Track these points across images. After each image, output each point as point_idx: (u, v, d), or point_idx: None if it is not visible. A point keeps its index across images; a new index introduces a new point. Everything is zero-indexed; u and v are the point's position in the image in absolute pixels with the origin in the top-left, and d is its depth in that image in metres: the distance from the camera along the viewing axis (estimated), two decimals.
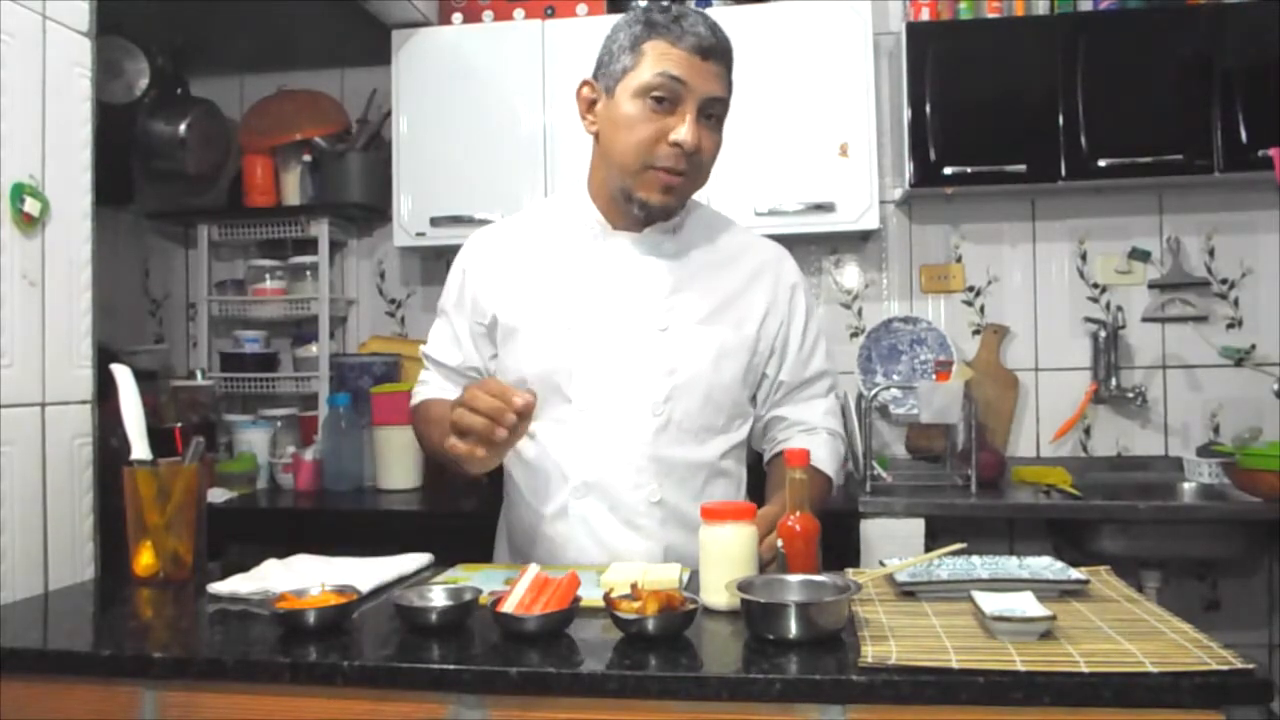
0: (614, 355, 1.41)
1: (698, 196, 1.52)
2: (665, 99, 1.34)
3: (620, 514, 1.41)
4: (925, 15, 2.63)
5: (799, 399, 1.54)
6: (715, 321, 1.44)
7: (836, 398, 1.59)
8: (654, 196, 1.38)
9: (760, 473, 1.56)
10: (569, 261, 1.46)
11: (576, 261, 1.46)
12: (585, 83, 1.44)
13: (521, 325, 1.45)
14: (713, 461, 1.45)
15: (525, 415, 1.21)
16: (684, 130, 1.34)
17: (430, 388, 1.55)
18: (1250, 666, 0.89)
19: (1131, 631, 1.00)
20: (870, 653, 0.95)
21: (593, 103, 1.43)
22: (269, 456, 2.78)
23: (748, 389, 1.50)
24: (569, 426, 1.42)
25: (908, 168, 2.54)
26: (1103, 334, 2.67)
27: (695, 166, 1.38)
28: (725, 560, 1.14)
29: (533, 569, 1.10)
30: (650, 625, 1.01)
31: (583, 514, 1.42)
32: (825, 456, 1.49)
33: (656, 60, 1.34)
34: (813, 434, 1.52)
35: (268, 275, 2.94)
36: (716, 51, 1.36)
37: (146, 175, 2.96)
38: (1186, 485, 2.52)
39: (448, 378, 1.54)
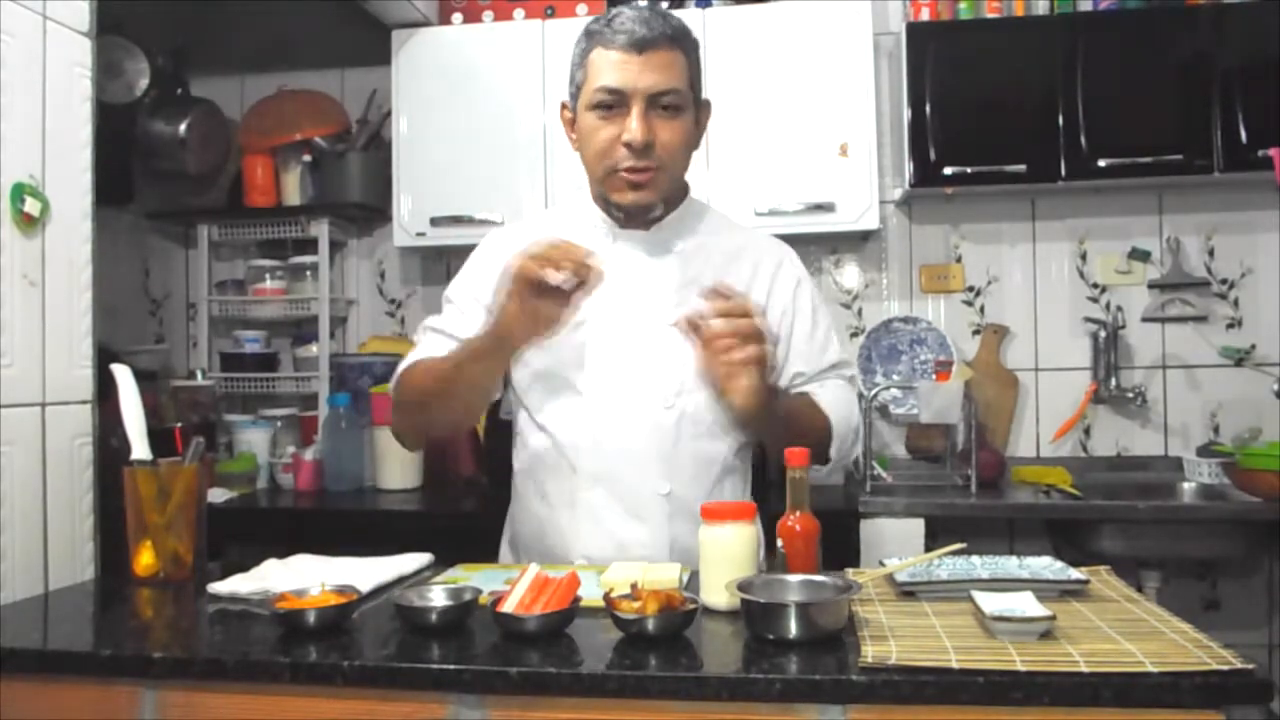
0: (624, 349, 1.43)
1: (700, 196, 1.54)
2: (611, 105, 1.38)
3: (627, 505, 1.42)
4: (925, 15, 2.63)
5: (816, 381, 1.52)
6: None
7: (853, 385, 1.58)
8: (625, 197, 1.42)
9: (765, 473, 1.56)
10: None
11: None
12: (563, 105, 1.49)
13: None
14: (724, 457, 1.46)
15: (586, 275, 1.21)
16: (631, 129, 1.36)
17: (426, 347, 1.48)
18: (1250, 666, 0.89)
19: (1131, 631, 1.00)
20: (870, 653, 0.95)
21: (572, 122, 1.47)
22: (269, 456, 2.78)
23: None
24: (580, 419, 1.43)
25: (908, 168, 2.54)
26: (1103, 334, 2.67)
27: (659, 160, 1.39)
28: (725, 560, 1.14)
29: (533, 569, 1.10)
30: (650, 625, 1.01)
31: (591, 505, 1.43)
32: (830, 400, 1.47)
33: (596, 71, 1.39)
34: (824, 386, 1.50)
35: (268, 275, 2.94)
36: (654, 41, 1.36)
37: (146, 175, 2.96)
38: (1186, 485, 2.52)
39: (448, 345, 1.45)
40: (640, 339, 1.43)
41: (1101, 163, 2.45)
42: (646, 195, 1.41)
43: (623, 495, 1.42)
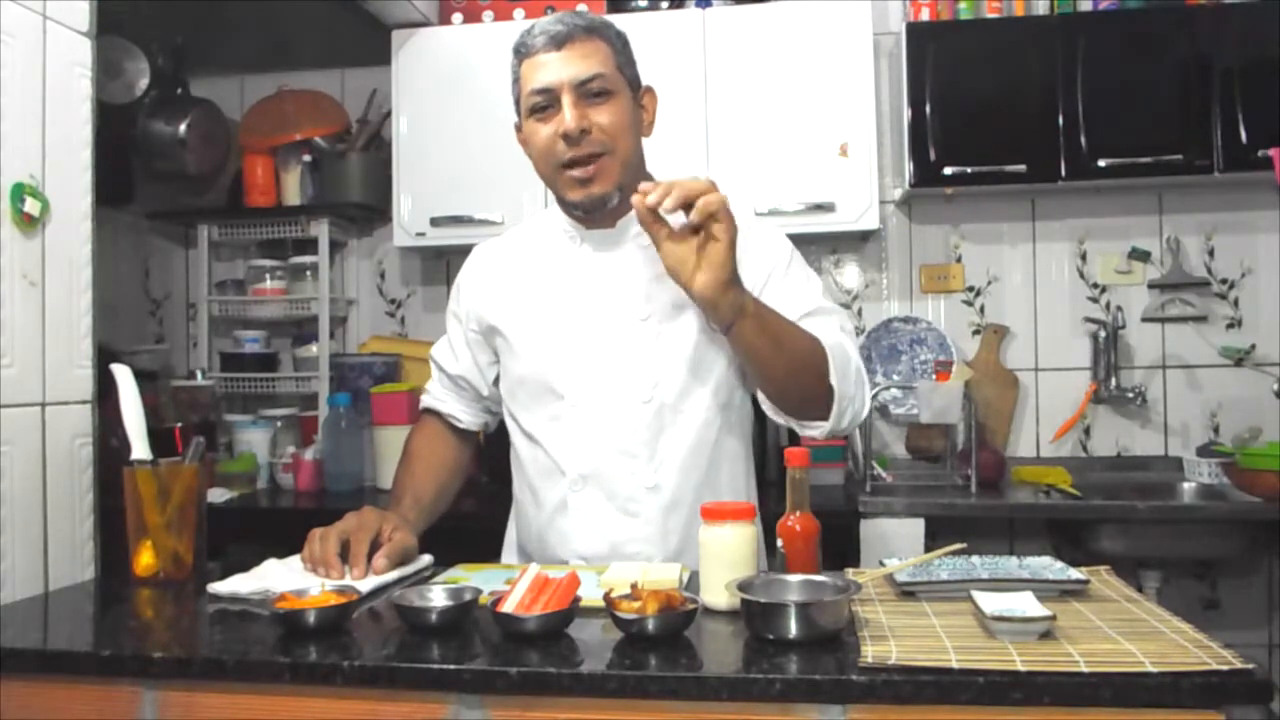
0: (600, 348, 1.43)
1: None
2: (545, 106, 1.40)
3: (617, 503, 1.43)
4: (925, 15, 2.63)
5: None
6: (694, 304, 1.42)
7: (844, 330, 1.43)
8: (575, 194, 1.42)
9: (769, 464, 1.56)
10: (552, 267, 1.51)
11: (558, 266, 1.50)
12: (515, 127, 1.50)
13: (513, 331, 1.50)
14: (710, 444, 1.45)
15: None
16: (565, 120, 1.37)
17: (432, 396, 1.65)
18: (1250, 666, 0.89)
19: (1131, 631, 1.00)
20: (870, 653, 0.94)
21: (525, 142, 1.49)
22: (269, 456, 2.78)
23: (736, 365, 1.47)
24: (563, 422, 1.45)
25: (908, 168, 2.54)
26: (1103, 334, 2.67)
27: (600, 145, 1.39)
28: (725, 560, 1.14)
29: (533, 569, 1.10)
30: (650, 625, 1.01)
31: (582, 507, 1.44)
32: (817, 329, 1.35)
33: (526, 80, 1.42)
34: (814, 324, 1.38)
35: (268, 275, 2.94)
36: (572, 33, 1.39)
37: (146, 175, 2.96)
38: (1186, 485, 2.52)
39: (444, 384, 1.63)
40: (613, 336, 1.43)
41: (1101, 163, 2.46)
42: (597, 188, 1.40)
43: (613, 493, 1.43)
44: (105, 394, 1.49)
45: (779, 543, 1.18)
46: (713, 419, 1.46)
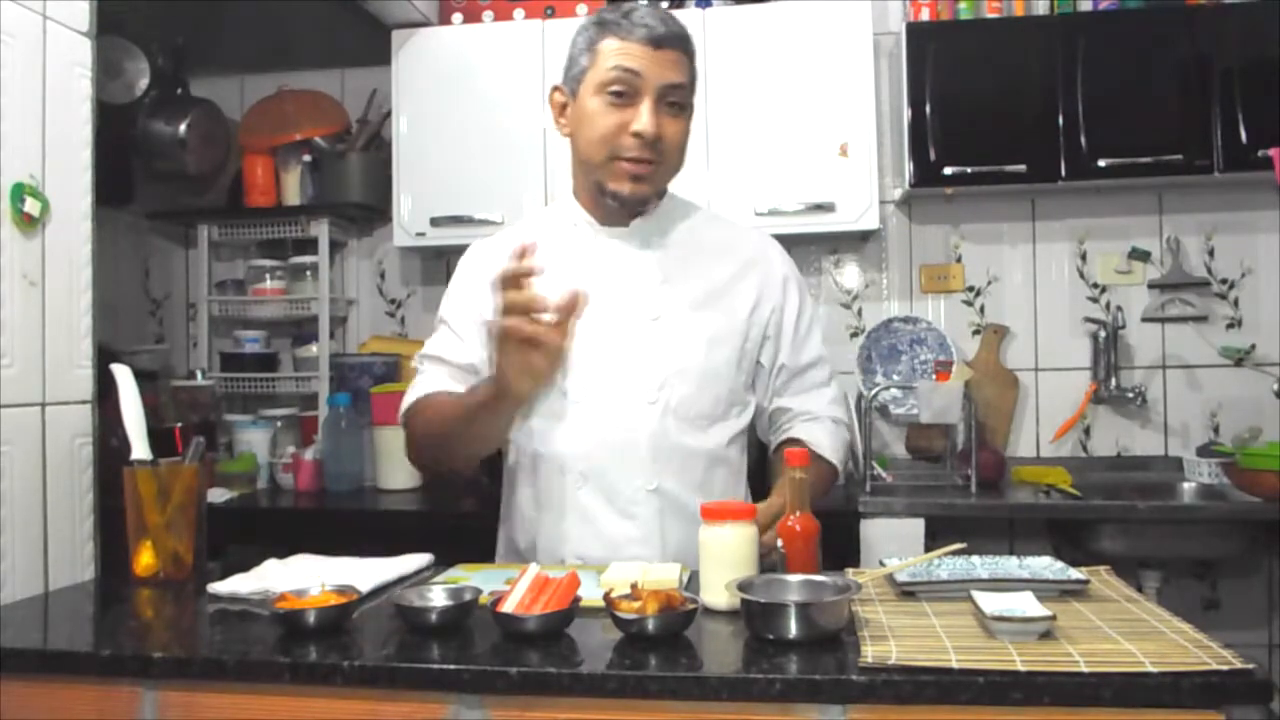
0: (607, 346, 1.42)
1: (699, 196, 1.54)
2: (623, 92, 1.37)
3: (617, 504, 1.42)
4: (925, 15, 2.63)
5: (802, 388, 1.54)
6: (706, 309, 1.46)
7: (839, 386, 1.60)
8: (624, 187, 1.41)
9: (763, 461, 1.57)
10: (561, 261, 1.46)
11: (568, 261, 1.47)
12: (555, 88, 1.48)
13: None
14: (712, 449, 1.46)
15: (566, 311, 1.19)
16: (644, 120, 1.36)
17: (428, 380, 1.49)
18: (1250, 666, 0.89)
19: (1131, 631, 1.00)
20: (870, 653, 0.94)
21: (564, 106, 1.46)
22: (269, 456, 2.78)
23: (743, 374, 1.50)
24: (565, 420, 1.44)
25: (908, 168, 2.54)
26: (1103, 334, 2.67)
27: (661, 154, 1.40)
28: (725, 560, 1.14)
29: (533, 569, 1.10)
30: (650, 625, 1.01)
31: (580, 506, 1.43)
32: (828, 443, 1.50)
33: (610, 56, 1.38)
34: (817, 421, 1.53)
35: (268, 275, 2.94)
36: (669, 39, 1.38)
37: (146, 175, 2.96)
38: (1186, 485, 2.52)
39: (449, 374, 1.48)
40: (622, 335, 1.43)
41: (1101, 163, 2.46)
42: (645, 187, 1.42)
43: (612, 494, 1.42)
44: (105, 394, 1.49)
45: (779, 543, 1.18)
46: (718, 427, 1.46)
